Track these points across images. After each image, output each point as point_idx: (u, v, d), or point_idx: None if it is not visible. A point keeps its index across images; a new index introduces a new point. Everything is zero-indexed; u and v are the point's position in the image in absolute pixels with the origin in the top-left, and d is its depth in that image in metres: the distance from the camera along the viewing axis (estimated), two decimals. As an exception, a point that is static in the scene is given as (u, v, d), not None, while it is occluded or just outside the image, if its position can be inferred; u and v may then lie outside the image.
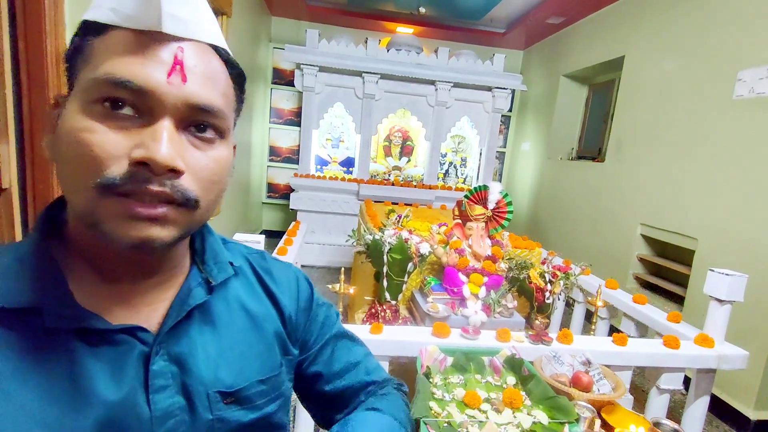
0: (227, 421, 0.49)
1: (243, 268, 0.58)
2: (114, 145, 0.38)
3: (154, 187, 0.38)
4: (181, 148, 0.41)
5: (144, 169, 0.38)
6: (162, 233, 0.40)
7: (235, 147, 0.50)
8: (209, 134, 0.43)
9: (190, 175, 0.41)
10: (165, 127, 0.39)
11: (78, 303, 0.42)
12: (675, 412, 2.16)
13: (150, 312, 0.47)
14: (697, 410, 1.47)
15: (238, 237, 1.52)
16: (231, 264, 0.55)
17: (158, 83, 0.39)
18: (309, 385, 0.64)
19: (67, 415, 0.40)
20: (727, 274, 1.44)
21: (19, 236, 1.21)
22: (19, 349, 0.40)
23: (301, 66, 4.01)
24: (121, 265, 0.45)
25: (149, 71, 0.38)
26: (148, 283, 0.48)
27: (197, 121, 0.42)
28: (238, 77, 0.48)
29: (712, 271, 1.48)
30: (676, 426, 0.99)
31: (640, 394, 2.24)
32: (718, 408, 2.23)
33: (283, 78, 4.85)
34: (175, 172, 0.39)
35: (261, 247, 1.39)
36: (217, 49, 0.44)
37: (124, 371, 0.43)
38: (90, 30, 0.41)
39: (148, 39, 0.39)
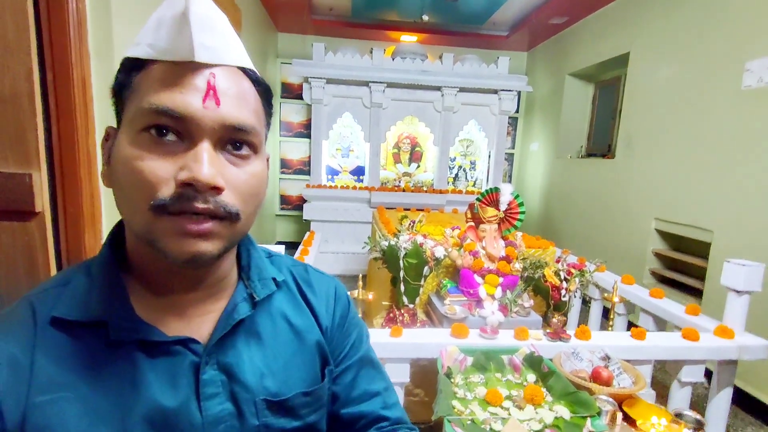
0: (272, 427, 0.52)
1: (287, 281, 0.61)
2: (162, 170, 0.42)
3: (200, 205, 0.42)
4: (221, 167, 0.44)
5: (189, 188, 0.42)
6: (210, 247, 0.44)
7: (268, 158, 0.54)
8: (245, 151, 0.47)
9: (230, 190, 0.45)
10: (205, 148, 0.43)
11: (138, 316, 0.47)
12: (699, 405, 2.13)
13: (201, 323, 0.51)
14: (720, 402, 1.47)
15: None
16: (274, 279, 0.58)
17: (195, 109, 0.42)
18: None
19: (128, 419, 0.44)
20: (743, 264, 1.44)
21: (52, 256, 1.27)
22: (90, 358, 0.45)
23: (309, 79, 4.09)
24: (172, 278, 0.50)
25: (187, 99, 0.42)
26: (197, 295, 0.51)
27: (233, 140, 0.46)
28: (265, 93, 0.51)
29: (728, 261, 1.48)
30: (698, 416, 1.00)
31: (662, 389, 2.22)
32: (743, 400, 2.20)
33: (291, 92, 4.94)
34: (217, 189, 0.43)
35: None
36: (245, 70, 0.48)
37: (178, 380, 0.48)
38: (132, 66, 0.45)
39: (184, 69, 0.43)
